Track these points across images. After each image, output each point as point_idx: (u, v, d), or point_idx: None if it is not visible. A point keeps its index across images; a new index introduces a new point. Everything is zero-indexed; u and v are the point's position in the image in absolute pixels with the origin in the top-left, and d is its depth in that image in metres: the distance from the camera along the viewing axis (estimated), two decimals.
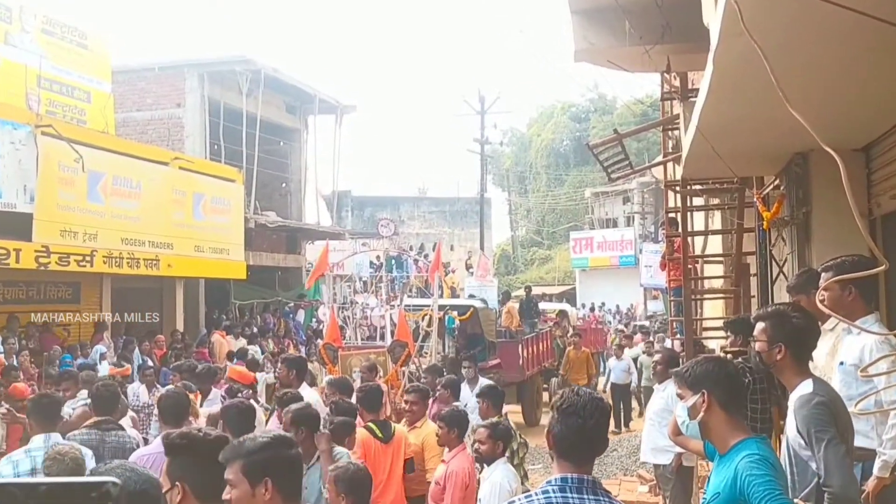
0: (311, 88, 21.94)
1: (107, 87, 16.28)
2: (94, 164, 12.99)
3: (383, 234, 21.67)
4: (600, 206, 43.69)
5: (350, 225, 34.93)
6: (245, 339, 17.29)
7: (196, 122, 18.97)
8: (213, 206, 16.56)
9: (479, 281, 24.20)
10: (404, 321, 12.82)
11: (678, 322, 10.55)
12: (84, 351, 13.02)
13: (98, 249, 13.07)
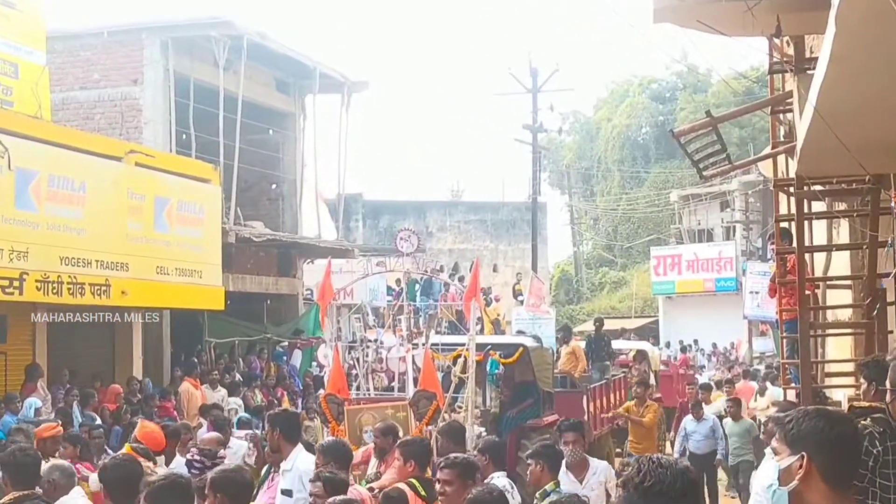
0: (309, 60, 21.95)
1: (40, 59, 16.30)
2: (24, 159, 13.02)
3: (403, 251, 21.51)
4: (691, 212, 43.43)
5: (361, 239, 34.92)
6: (224, 390, 17.26)
7: (158, 104, 19.00)
8: (180, 215, 16.55)
9: (530, 311, 24.00)
10: (431, 365, 12.71)
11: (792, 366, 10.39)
12: (12, 405, 12.99)
13: (29, 272, 13.04)
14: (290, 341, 21.96)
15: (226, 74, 19.11)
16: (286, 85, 22.90)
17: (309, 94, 23.17)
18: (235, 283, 19.43)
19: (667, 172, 49.14)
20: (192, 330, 19.42)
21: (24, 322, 15.11)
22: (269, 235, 20.94)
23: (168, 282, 16.22)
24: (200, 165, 17.96)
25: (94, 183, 14.53)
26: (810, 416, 3.02)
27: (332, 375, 12.95)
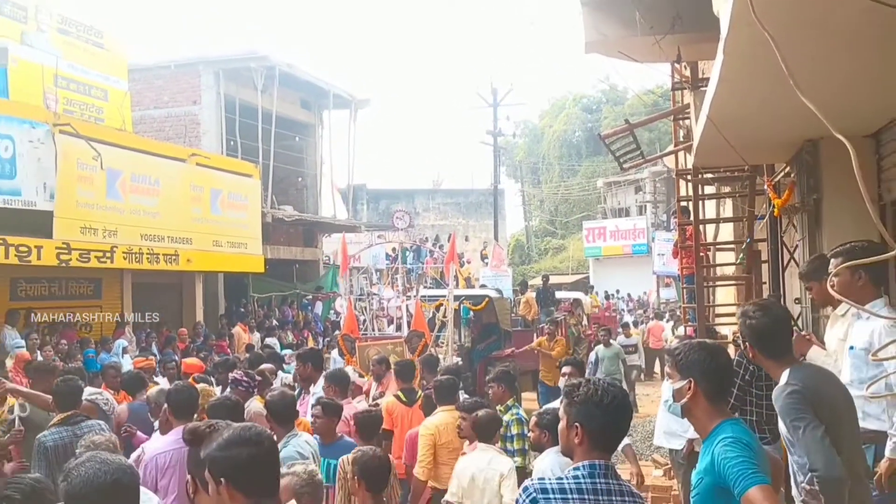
0: (325, 83, 21.91)
1: (124, 85, 16.30)
2: (112, 161, 13.03)
3: (398, 227, 21.62)
4: (612, 195, 43.45)
5: (365, 218, 34.92)
6: (262, 332, 17.40)
7: (212, 119, 19.00)
8: (230, 202, 16.58)
9: (493, 271, 24.08)
10: (421, 312, 12.83)
11: (691, 309, 10.43)
12: (106, 345, 13.09)
13: (118, 245, 13.11)
14: (314, 295, 22.05)
15: (262, 96, 19.05)
16: (308, 103, 22.82)
17: (325, 109, 23.12)
18: (272, 252, 19.45)
19: (594, 165, 49.05)
20: (240, 287, 19.51)
21: (114, 283, 15.19)
22: (297, 216, 20.96)
23: (221, 252, 16.30)
24: (244, 165, 17.95)
25: (165, 179, 14.56)
26: (695, 349, 3.05)
27: (347, 320, 12.99)
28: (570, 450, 2.89)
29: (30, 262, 11.50)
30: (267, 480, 2.53)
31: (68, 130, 12.23)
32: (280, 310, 20.46)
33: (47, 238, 11.73)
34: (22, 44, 12.97)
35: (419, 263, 23.53)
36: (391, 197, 40.54)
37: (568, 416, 2.86)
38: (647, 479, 9.24)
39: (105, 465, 2.41)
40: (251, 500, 2.45)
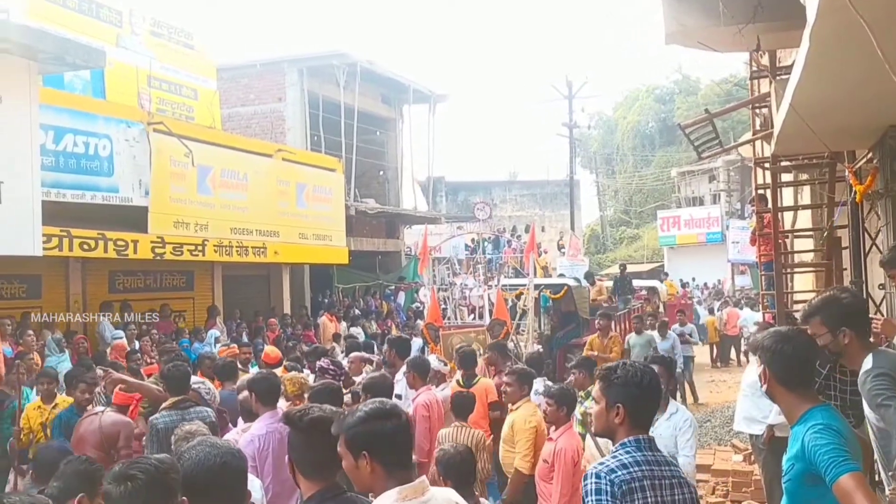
0: (405, 79, 21.69)
1: (212, 85, 16.32)
2: (203, 158, 12.97)
3: (479, 217, 21.25)
4: (686, 185, 42.28)
5: (444, 209, 34.67)
6: (347, 322, 17.23)
7: (297, 115, 18.94)
8: (315, 195, 16.44)
9: (570, 260, 23.56)
10: (502, 300, 12.53)
11: (769, 296, 10.18)
12: (199, 335, 13.07)
13: (209, 239, 13.07)
14: (396, 285, 21.89)
15: (345, 92, 18.90)
16: (388, 98, 22.61)
17: (405, 104, 22.92)
18: (355, 243, 19.31)
19: (668, 155, 47.94)
20: (325, 278, 19.44)
21: (205, 275, 15.21)
22: (379, 209, 20.82)
23: (307, 244, 16.18)
24: (328, 159, 17.80)
25: (253, 174, 14.47)
26: (769, 336, 3.02)
27: (430, 309, 12.75)
28: (610, 430, 2.96)
29: (127, 255, 11.52)
30: (405, 452, 2.61)
31: (162, 129, 12.20)
32: (364, 300, 20.33)
33: (143, 233, 11.74)
34: (117, 47, 13.02)
35: (498, 253, 23.17)
36: (469, 189, 40.19)
37: (607, 398, 2.95)
38: (726, 464, 9.03)
39: (214, 448, 2.47)
40: (389, 471, 2.52)
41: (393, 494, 2.50)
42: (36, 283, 11.87)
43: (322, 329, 16.28)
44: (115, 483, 2.11)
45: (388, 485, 2.52)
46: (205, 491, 2.34)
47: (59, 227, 10.08)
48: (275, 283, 17.23)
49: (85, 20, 12.83)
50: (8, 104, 8.66)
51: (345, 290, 19.92)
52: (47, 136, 10.05)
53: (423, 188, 24.51)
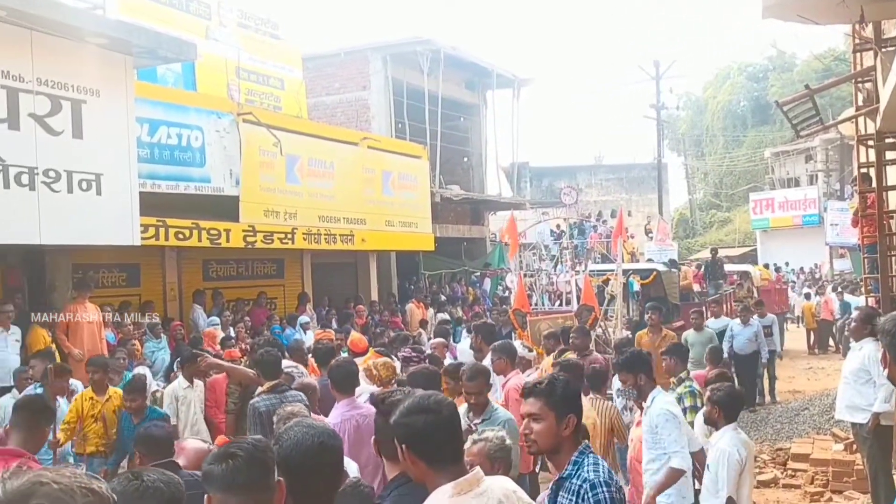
0: (488, 64, 21.50)
1: (298, 75, 16.48)
2: (290, 147, 13.10)
3: (566, 202, 20.83)
4: (780, 165, 40.63)
5: (529, 195, 34.33)
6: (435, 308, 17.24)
7: (381, 103, 18.99)
8: (400, 182, 16.45)
9: (658, 245, 23.04)
10: (590, 286, 12.33)
11: (873, 280, 9.72)
12: (292, 322, 13.26)
13: (298, 227, 13.21)
14: (482, 272, 21.80)
15: (428, 78, 18.83)
16: (472, 83, 22.44)
17: (489, 89, 22.74)
18: (441, 230, 19.27)
19: (761, 135, 46.16)
20: (411, 265, 19.49)
21: (295, 263, 15.44)
22: (464, 195, 20.74)
23: (393, 231, 16.22)
24: (413, 146, 17.78)
25: (339, 162, 14.55)
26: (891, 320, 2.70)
27: (518, 295, 12.61)
28: (558, 444, 2.95)
29: (219, 244, 11.74)
30: (446, 447, 2.56)
31: (251, 119, 12.38)
32: (450, 286, 20.31)
33: (234, 222, 11.94)
34: (207, 39, 13.27)
35: (583, 239, 22.77)
36: (554, 174, 39.67)
37: (556, 411, 2.91)
38: (826, 454, 8.70)
39: (311, 429, 2.50)
40: (431, 465, 2.52)
41: (448, 490, 2.49)
42: (135, 272, 12.25)
43: (409, 315, 16.33)
44: (217, 462, 2.12)
45: (438, 480, 2.52)
46: (302, 470, 2.35)
47: (156, 217, 10.35)
48: (362, 270, 17.36)
49: (175, 14, 13.13)
50: (106, 98, 8.92)
51: (431, 276, 19.94)
52: (142, 129, 10.30)
53: (507, 174, 24.30)
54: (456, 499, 2.47)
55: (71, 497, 1.23)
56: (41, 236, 8.31)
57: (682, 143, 53.59)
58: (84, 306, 9.51)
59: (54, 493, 1.22)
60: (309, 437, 2.44)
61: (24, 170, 8.05)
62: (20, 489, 1.21)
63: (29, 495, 1.21)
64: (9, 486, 1.22)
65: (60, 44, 8.44)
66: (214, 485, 2.12)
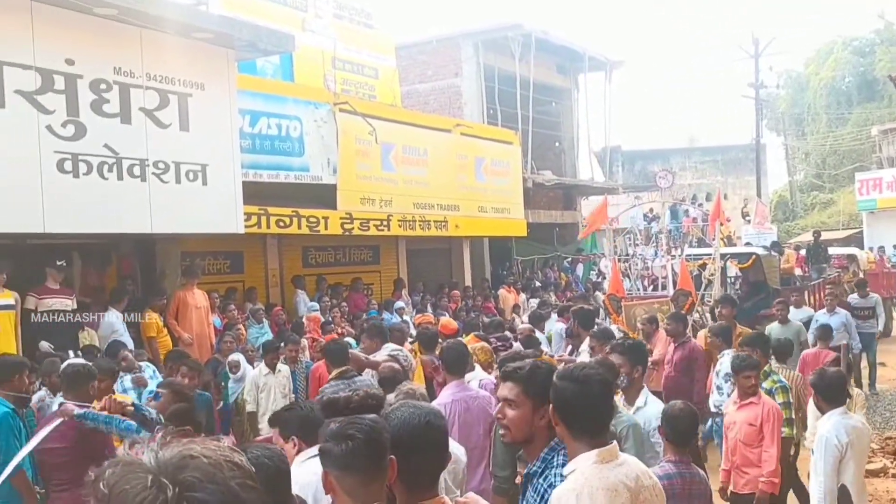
0: (580, 47, 21.11)
1: (392, 63, 16.56)
2: (385, 135, 13.19)
3: (662, 186, 20.34)
4: (889, 143, 38.37)
5: (621, 179, 33.71)
6: (528, 293, 17.12)
7: (473, 89, 18.93)
8: (493, 169, 16.37)
9: (756, 229, 22.19)
10: (686, 271, 12.02)
11: None
12: (389, 307, 13.40)
13: (393, 214, 13.32)
14: (574, 257, 21.53)
15: (520, 63, 18.65)
16: (564, 67, 22.08)
17: (581, 73, 22.32)
18: (533, 216, 19.10)
19: (867, 112, 43.78)
20: (504, 251, 19.42)
21: (390, 249, 15.58)
22: (556, 180, 20.51)
23: (486, 217, 16.17)
24: (505, 132, 17.66)
25: (433, 149, 14.58)
26: None
27: (612, 280, 12.38)
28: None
29: (318, 231, 11.94)
30: (585, 417, 2.67)
31: (347, 109, 12.51)
32: (542, 272, 20.14)
33: (332, 209, 12.11)
34: (303, 31, 13.47)
35: (677, 223, 22.20)
36: (646, 157, 38.80)
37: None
38: None
39: (418, 409, 2.57)
40: (570, 430, 2.66)
41: (592, 456, 2.60)
42: (238, 259, 12.61)
43: (502, 301, 16.27)
44: (335, 442, 2.20)
45: (574, 446, 2.66)
46: (410, 448, 2.40)
47: (258, 205, 10.59)
48: (456, 255, 17.40)
49: (273, 7, 13.36)
50: (210, 91, 9.18)
51: (523, 262, 19.83)
52: (244, 120, 10.55)
53: (599, 158, 23.88)
54: (599, 466, 2.59)
55: (220, 471, 1.22)
56: (152, 226, 8.62)
57: (782, 123, 51.39)
58: (192, 292, 9.85)
59: (204, 467, 1.21)
60: (416, 417, 2.49)
61: (135, 162, 8.37)
62: (172, 461, 1.21)
63: (181, 468, 1.20)
64: (161, 456, 1.22)
65: (167, 40, 8.72)
66: (332, 463, 2.20)
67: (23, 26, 7.51)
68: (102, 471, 1.22)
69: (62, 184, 7.74)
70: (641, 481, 2.65)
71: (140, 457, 1.23)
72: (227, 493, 1.20)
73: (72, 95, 7.87)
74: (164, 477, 1.17)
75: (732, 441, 5.66)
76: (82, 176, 7.91)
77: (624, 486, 2.58)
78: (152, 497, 1.15)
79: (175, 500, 1.16)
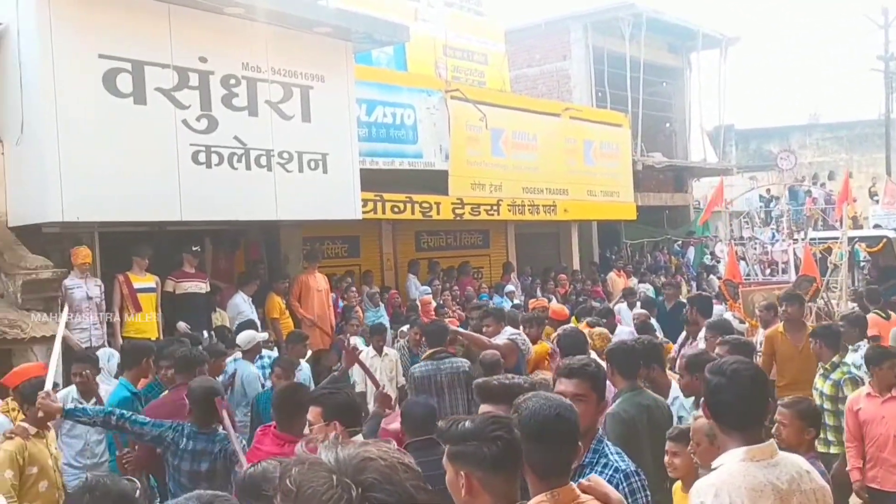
0: (693, 25, 20.52)
1: (501, 49, 16.62)
2: (495, 121, 13.32)
3: (783, 168, 19.51)
4: None
5: (734, 159, 32.59)
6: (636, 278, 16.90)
7: (582, 72, 18.75)
8: (602, 152, 16.24)
9: (886, 209, 21.05)
10: (810, 255, 11.60)
11: None
12: (500, 291, 13.56)
13: (503, 199, 13.46)
14: (685, 240, 21.07)
15: (630, 44, 18.32)
16: (675, 46, 21.52)
17: (693, 51, 21.69)
18: (643, 199, 18.80)
19: None
20: (612, 234, 19.22)
21: (500, 234, 15.73)
22: (666, 162, 20.07)
23: (595, 201, 16.07)
24: (614, 115, 17.45)
25: (542, 134, 14.60)
26: None
27: (729, 265, 12.10)
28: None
29: (431, 216, 12.23)
30: (730, 411, 2.66)
31: (458, 96, 12.72)
32: (651, 255, 19.83)
33: (444, 195, 12.37)
34: (416, 20, 13.73)
35: (797, 206, 21.36)
36: (762, 136, 37.20)
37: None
38: None
39: (549, 400, 2.63)
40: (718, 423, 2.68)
41: (740, 453, 2.54)
42: (355, 244, 13.06)
43: (611, 284, 16.14)
44: (481, 443, 2.21)
45: (725, 441, 2.65)
46: (540, 438, 2.45)
47: (374, 192, 10.95)
48: (564, 239, 17.37)
49: None
50: (330, 83, 9.56)
51: (632, 245, 19.59)
52: (361, 110, 10.91)
53: (711, 138, 23.20)
54: (746, 464, 2.50)
55: (395, 472, 1.27)
56: (277, 213, 9.10)
57: None
58: (314, 276, 10.31)
59: (381, 469, 1.26)
60: (546, 408, 2.54)
61: (262, 152, 8.84)
62: (352, 462, 1.27)
63: (361, 469, 1.26)
64: (341, 455, 1.28)
65: (290, 35, 9.15)
66: (479, 464, 2.20)
67: (161, 28, 8.06)
68: (287, 468, 1.30)
69: (196, 175, 8.27)
70: (798, 483, 2.55)
71: (320, 456, 1.30)
72: (404, 494, 1.25)
73: (205, 91, 8.38)
74: (346, 477, 1.24)
75: (882, 437, 5.34)
76: (214, 167, 8.42)
77: (772, 487, 2.49)
78: (338, 497, 1.22)
79: (358, 500, 1.22)
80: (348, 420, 3.77)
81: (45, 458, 4.95)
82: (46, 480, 4.90)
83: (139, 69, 7.85)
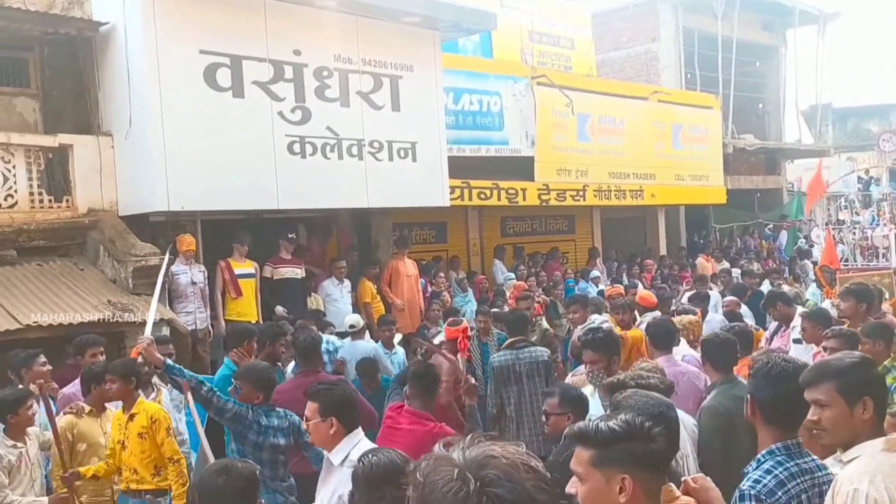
0: (789, 1, 19.70)
1: (587, 33, 16.38)
2: (581, 106, 13.18)
3: (884, 150, 18.57)
4: None
5: (831, 139, 31.23)
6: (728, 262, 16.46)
7: (671, 54, 18.30)
8: (691, 135, 15.85)
9: None
10: None
11: None
12: (586, 276, 13.45)
13: (589, 184, 13.34)
14: (776, 224, 20.38)
15: (722, 23, 17.77)
16: (770, 24, 20.71)
17: (789, 28, 20.84)
18: (733, 182, 18.26)
19: None
20: (700, 219, 18.79)
21: (585, 219, 15.59)
22: (758, 144, 19.42)
23: (683, 185, 15.76)
24: (704, 97, 16.99)
25: (629, 118, 14.36)
26: None
27: (826, 251, 11.68)
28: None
29: (517, 203, 12.24)
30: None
31: (544, 82, 12.65)
32: (741, 240, 19.27)
33: (529, 181, 12.35)
34: (502, 7, 13.65)
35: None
36: (861, 114, 35.43)
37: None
38: None
39: (651, 398, 2.69)
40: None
41: (878, 444, 2.50)
42: (442, 230, 13.18)
43: (699, 269, 15.77)
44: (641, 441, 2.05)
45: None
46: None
47: (461, 179, 11.02)
48: (650, 224, 17.08)
49: None
50: (418, 73, 9.66)
51: (721, 229, 19.08)
52: (448, 98, 10.97)
53: (806, 118, 22.28)
54: (888, 454, 2.44)
55: (517, 471, 1.33)
56: (368, 200, 9.27)
57: None
58: (403, 262, 10.47)
59: (503, 467, 1.33)
60: (649, 407, 2.56)
61: (353, 142, 9.02)
62: (476, 459, 1.34)
63: (483, 466, 1.33)
64: (467, 454, 1.36)
65: (380, 26, 9.28)
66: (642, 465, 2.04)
67: (258, 23, 8.30)
68: (420, 462, 1.40)
69: (292, 164, 8.52)
70: None
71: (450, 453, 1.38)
72: (523, 493, 1.31)
73: (299, 83, 8.61)
74: (468, 471, 1.32)
75: None
76: (308, 157, 8.65)
77: None
78: (457, 488, 1.30)
79: (476, 493, 1.29)
80: (346, 416, 3.67)
81: (97, 435, 5.31)
82: (96, 457, 5.24)
83: (237, 63, 8.11)
